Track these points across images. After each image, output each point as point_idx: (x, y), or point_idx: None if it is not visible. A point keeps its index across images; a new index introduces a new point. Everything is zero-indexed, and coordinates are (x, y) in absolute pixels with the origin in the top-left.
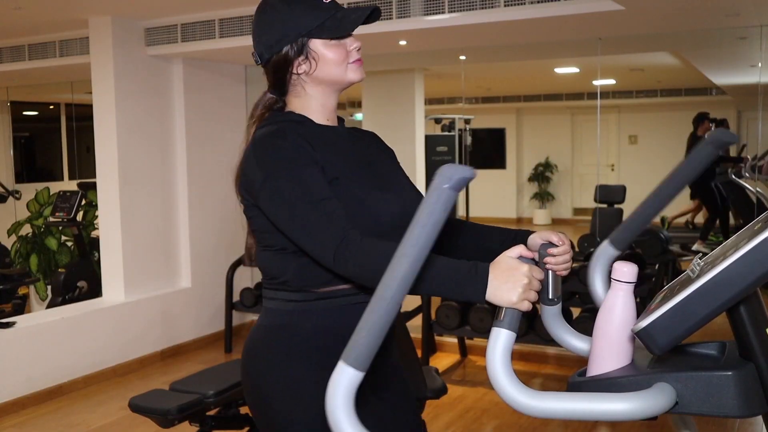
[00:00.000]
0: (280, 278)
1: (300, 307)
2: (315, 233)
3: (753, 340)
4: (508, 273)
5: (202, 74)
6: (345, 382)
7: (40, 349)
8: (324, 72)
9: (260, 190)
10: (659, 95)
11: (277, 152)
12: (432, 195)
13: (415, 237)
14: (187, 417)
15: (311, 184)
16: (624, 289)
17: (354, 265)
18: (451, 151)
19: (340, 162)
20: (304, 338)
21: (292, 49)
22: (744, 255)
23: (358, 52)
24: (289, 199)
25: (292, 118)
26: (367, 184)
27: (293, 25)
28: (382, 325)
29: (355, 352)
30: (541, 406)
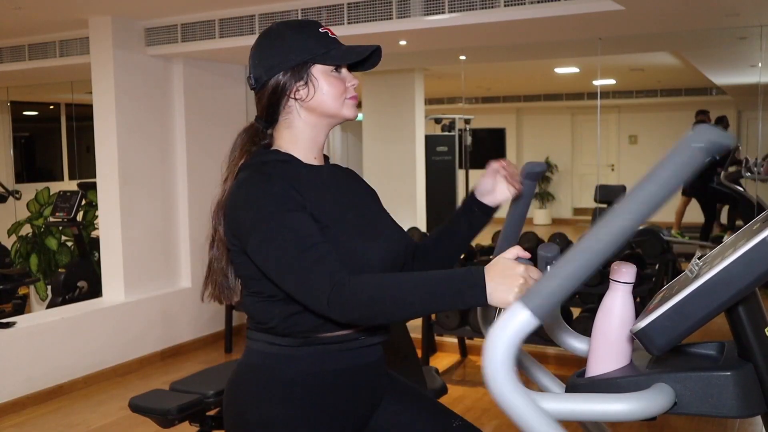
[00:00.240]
0: (267, 324)
1: (284, 351)
2: (306, 282)
3: (752, 341)
4: (503, 273)
5: (202, 74)
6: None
7: (40, 349)
8: (320, 102)
9: (248, 237)
10: (659, 95)
11: (265, 197)
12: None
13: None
14: (187, 417)
15: (299, 229)
16: (622, 289)
17: (350, 308)
18: (451, 151)
19: (329, 207)
20: (286, 382)
21: (293, 73)
22: (742, 255)
23: (354, 89)
24: (279, 247)
25: (277, 158)
26: (357, 231)
27: (298, 49)
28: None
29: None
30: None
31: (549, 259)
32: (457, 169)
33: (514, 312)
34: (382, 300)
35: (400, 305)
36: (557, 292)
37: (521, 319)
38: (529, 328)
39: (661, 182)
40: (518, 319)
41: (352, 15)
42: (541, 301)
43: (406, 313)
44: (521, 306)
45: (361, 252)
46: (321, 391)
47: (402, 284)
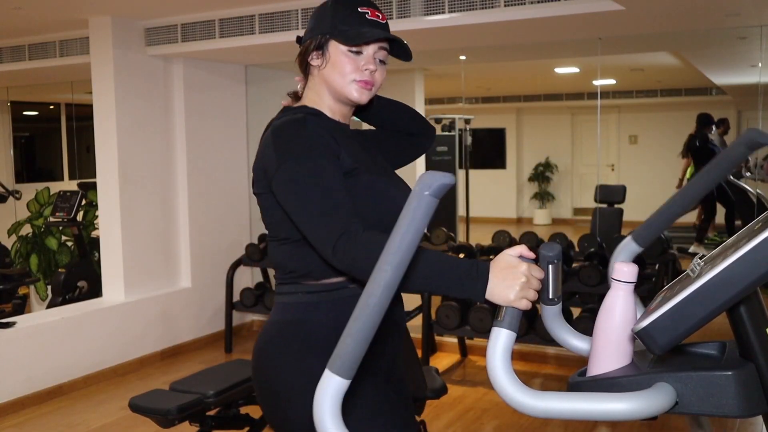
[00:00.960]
0: (298, 271)
1: (314, 299)
2: (318, 224)
3: (753, 340)
4: (506, 271)
5: (202, 74)
6: (331, 390)
7: (40, 349)
8: (329, 75)
9: (275, 174)
10: (659, 95)
11: (297, 139)
12: (412, 202)
13: (396, 245)
14: (187, 417)
15: (324, 174)
16: (624, 289)
17: (352, 260)
18: (451, 151)
19: (361, 157)
20: (319, 331)
21: (316, 41)
22: (744, 255)
23: (371, 74)
24: (301, 187)
25: (308, 111)
26: (385, 179)
27: (328, 22)
28: (367, 332)
29: (341, 360)
30: (541, 406)
31: (551, 258)
32: (457, 169)
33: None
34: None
35: None
36: (355, 350)
37: (334, 384)
38: (344, 388)
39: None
40: (332, 384)
41: None
42: (343, 362)
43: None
44: (329, 373)
45: (392, 198)
46: None
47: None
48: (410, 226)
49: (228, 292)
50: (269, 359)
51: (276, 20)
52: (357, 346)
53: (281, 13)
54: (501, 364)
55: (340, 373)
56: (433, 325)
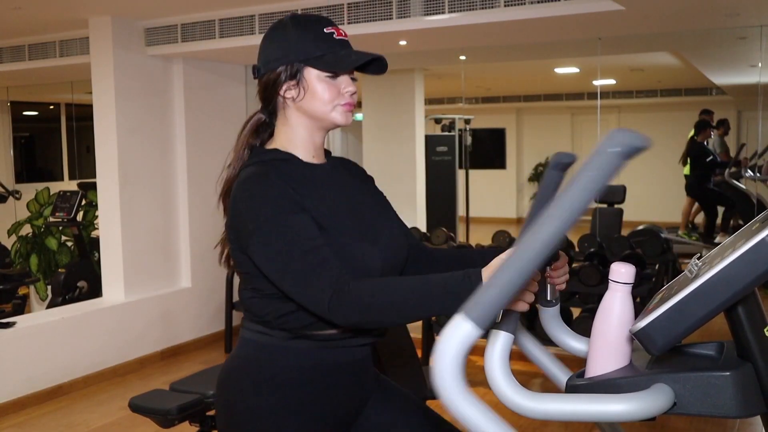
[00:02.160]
0: (261, 318)
1: (275, 342)
2: (307, 287)
3: (751, 341)
4: None
5: (202, 74)
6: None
7: (40, 349)
8: (309, 105)
9: (249, 240)
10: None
11: (265, 200)
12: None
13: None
14: (187, 417)
15: (300, 232)
16: (621, 290)
17: (350, 314)
18: (451, 151)
19: (328, 209)
20: (277, 374)
21: (286, 72)
22: (742, 255)
23: (351, 96)
24: (280, 251)
25: (277, 156)
26: (356, 234)
27: (295, 48)
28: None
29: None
30: (539, 407)
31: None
32: (457, 169)
33: (457, 325)
34: (381, 304)
35: (399, 309)
36: (496, 301)
37: (464, 331)
38: (472, 339)
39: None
40: (461, 331)
41: (352, 15)
42: (482, 312)
43: (406, 316)
44: (463, 318)
45: (360, 256)
46: (308, 385)
47: (400, 288)
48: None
49: (228, 292)
50: (225, 392)
51: (276, 20)
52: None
53: (281, 13)
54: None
55: (477, 321)
56: (433, 325)
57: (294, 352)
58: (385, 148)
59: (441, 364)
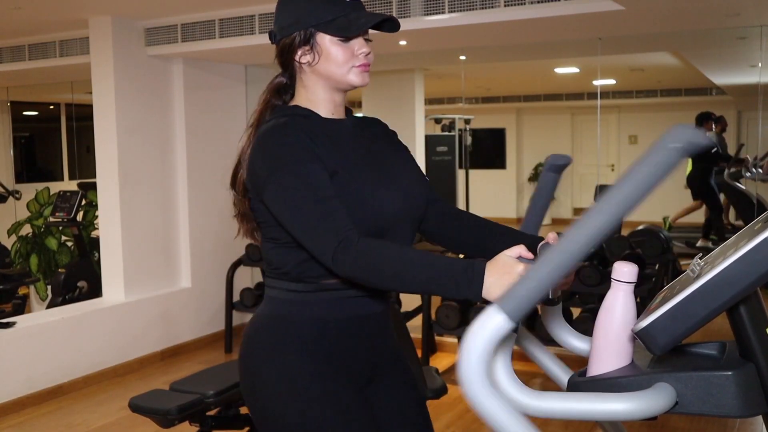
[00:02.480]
0: (281, 269)
1: (299, 297)
2: (315, 234)
3: (753, 340)
4: (502, 271)
5: (202, 74)
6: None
7: (40, 349)
8: (324, 68)
9: (264, 185)
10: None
11: (282, 148)
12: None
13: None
14: (187, 417)
15: (314, 182)
16: (624, 289)
17: (351, 268)
18: (451, 151)
19: (342, 157)
20: (301, 328)
21: (300, 37)
22: (744, 255)
23: (366, 57)
24: (292, 198)
25: (297, 112)
26: (370, 179)
27: (307, 13)
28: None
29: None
30: (541, 406)
31: None
32: (457, 169)
33: (489, 315)
34: (381, 269)
35: (397, 279)
36: (533, 294)
37: (496, 323)
38: (503, 331)
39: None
40: (493, 322)
41: None
42: (517, 304)
43: (402, 287)
44: (497, 309)
45: (372, 200)
46: (331, 337)
47: (405, 260)
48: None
49: (228, 292)
50: (250, 351)
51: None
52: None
53: None
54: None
55: (510, 313)
56: (433, 325)
57: (316, 304)
58: None
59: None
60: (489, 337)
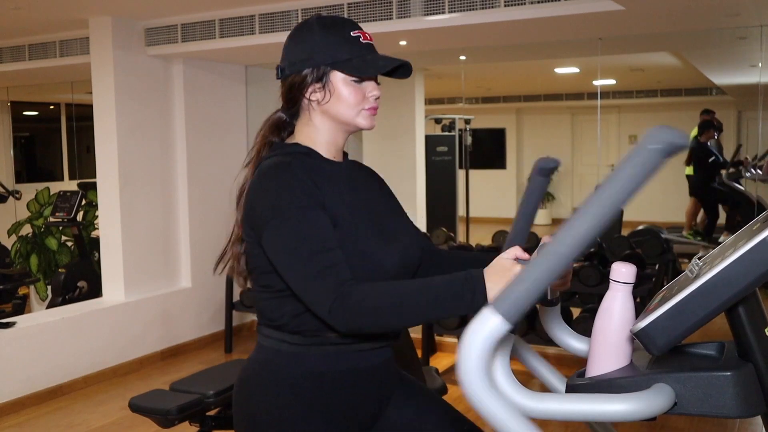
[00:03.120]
0: (276, 321)
1: (293, 349)
2: (312, 285)
3: (752, 341)
4: (500, 274)
5: (202, 74)
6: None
7: (40, 349)
8: (335, 108)
9: (265, 228)
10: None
11: (286, 190)
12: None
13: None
14: (187, 417)
15: (314, 230)
16: (622, 289)
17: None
18: (451, 151)
19: (345, 206)
20: (294, 382)
21: (312, 74)
22: (742, 255)
23: (375, 101)
24: (292, 244)
25: (299, 150)
26: (372, 233)
27: (322, 51)
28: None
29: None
30: (540, 407)
31: None
32: (457, 169)
33: (485, 317)
34: (382, 309)
35: (400, 314)
36: (527, 296)
37: (492, 325)
38: (500, 333)
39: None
40: (490, 324)
41: (352, 15)
42: (512, 306)
43: (407, 321)
44: (492, 311)
45: (374, 255)
46: (327, 392)
47: (401, 292)
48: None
49: (228, 292)
50: (244, 397)
51: (276, 20)
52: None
53: (281, 13)
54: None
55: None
56: (433, 325)
57: (313, 357)
58: (385, 148)
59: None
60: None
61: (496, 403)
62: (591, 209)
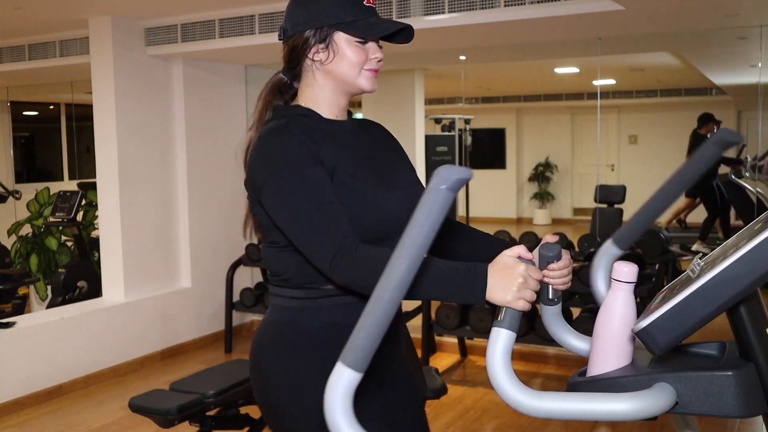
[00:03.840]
0: (283, 275)
1: (304, 304)
2: (313, 240)
3: (753, 340)
4: (504, 272)
5: (202, 74)
6: (343, 383)
7: (40, 349)
8: (338, 68)
9: (263, 188)
10: (659, 95)
11: (282, 150)
12: (429, 196)
13: (411, 239)
14: (187, 417)
15: (314, 186)
16: (624, 289)
17: (349, 276)
18: (451, 151)
19: (343, 158)
20: (309, 335)
21: (316, 35)
22: (744, 255)
23: (377, 63)
24: (291, 201)
25: (298, 112)
26: (371, 182)
27: (326, 11)
28: (380, 326)
29: (354, 354)
30: (541, 406)
31: (550, 258)
32: None
33: (338, 373)
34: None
35: None
36: (368, 342)
37: (347, 377)
38: (356, 381)
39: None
40: (344, 377)
41: None
42: (357, 355)
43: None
44: (341, 366)
45: (374, 202)
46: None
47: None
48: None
49: (228, 292)
50: (260, 359)
51: (276, 20)
52: (370, 339)
53: (281, 13)
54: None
55: (353, 366)
56: (433, 325)
57: (326, 310)
58: None
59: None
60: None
61: None
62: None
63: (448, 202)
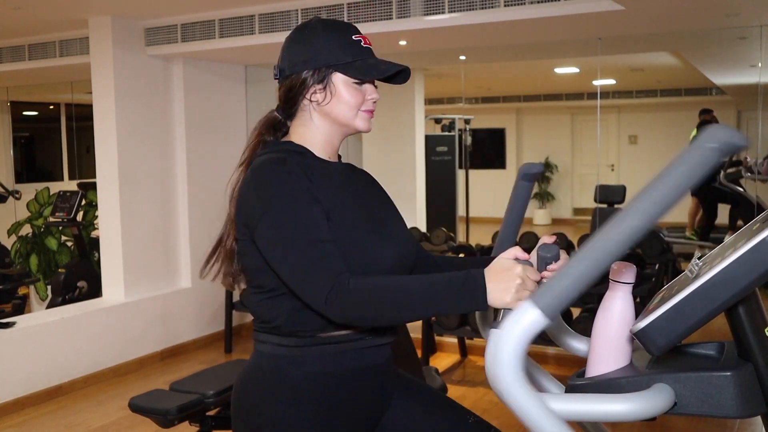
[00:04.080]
0: (271, 323)
1: (291, 352)
2: (307, 276)
3: (751, 341)
4: (501, 274)
5: (202, 74)
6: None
7: (40, 349)
8: (335, 109)
9: (258, 223)
10: (659, 95)
11: (281, 183)
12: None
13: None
14: (187, 417)
15: (310, 223)
16: (622, 289)
17: (347, 309)
18: (451, 151)
19: (341, 203)
20: (295, 385)
21: (314, 75)
22: (742, 255)
23: (373, 104)
24: (286, 237)
25: (293, 148)
26: (369, 229)
27: (325, 52)
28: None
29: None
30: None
31: (548, 259)
32: (457, 169)
33: (523, 310)
34: (380, 302)
35: (398, 308)
36: (568, 291)
37: (531, 318)
38: (538, 328)
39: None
40: (528, 318)
41: (352, 15)
42: (552, 300)
43: (405, 316)
44: (531, 305)
45: (370, 249)
46: (329, 393)
47: (402, 287)
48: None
49: (228, 292)
50: (244, 402)
51: (276, 20)
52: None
53: (281, 13)
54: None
55: (544, 309)
56: (433, 325)
57: (311, 359)
58: (385, 148)
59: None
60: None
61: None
62: (641, 205)
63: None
